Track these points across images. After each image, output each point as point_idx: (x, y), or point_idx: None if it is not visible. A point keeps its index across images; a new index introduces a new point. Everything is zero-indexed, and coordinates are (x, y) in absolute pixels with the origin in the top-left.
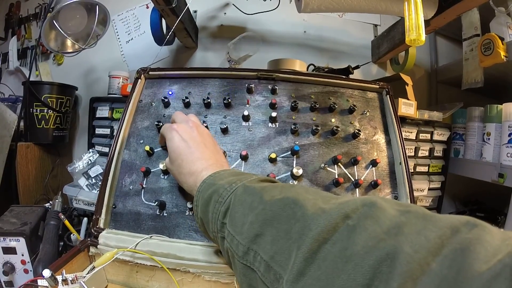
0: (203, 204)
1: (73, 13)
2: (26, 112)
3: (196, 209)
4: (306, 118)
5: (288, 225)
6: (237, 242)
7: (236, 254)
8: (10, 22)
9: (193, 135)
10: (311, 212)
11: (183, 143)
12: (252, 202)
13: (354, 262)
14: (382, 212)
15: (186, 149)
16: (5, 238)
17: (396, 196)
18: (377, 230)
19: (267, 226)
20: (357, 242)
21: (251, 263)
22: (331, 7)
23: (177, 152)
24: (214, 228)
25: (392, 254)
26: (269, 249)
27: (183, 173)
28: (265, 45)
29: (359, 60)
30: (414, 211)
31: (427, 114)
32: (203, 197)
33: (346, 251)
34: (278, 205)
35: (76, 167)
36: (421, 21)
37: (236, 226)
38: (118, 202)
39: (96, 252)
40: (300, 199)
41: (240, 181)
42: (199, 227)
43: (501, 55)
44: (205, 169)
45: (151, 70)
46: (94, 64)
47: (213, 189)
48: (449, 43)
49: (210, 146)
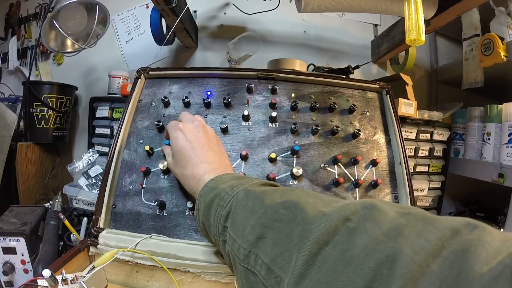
0: (205, 208)
1: (73, 13)
2: (26, 112)
3: (197, 212)
4: (306, 118)
5: (289, 228)
6: (238, 246)
7: (238, 257)
8: (10, 22)
9: (199, 135)
10: (311, 215)
11: (188, 144)
12: (254, 205)
13: (354, 265)
14: (382, 214)
15: (191, 150)
16: (5, 238)
17: (396, 196)
18: (377, 232)
19: (268, 229)
20: (357, 244)
21: (252, 266)
22: (331, 7)
23: (181, 153)
24: (215, 232)
25: (392, 257)
26: (270, 252)
27: (186, 175)
28: (265, 45)
29: (359, 60)
30: (414, 213)
31: (427, 114)
32: (205, 201)
33: (347, 254)
34: (279, 209)
35: (76, 167)
36: (421, 21)
37: (238, 230)
38: (118, 202)
39: (96, 252)
40: (300, 202)
41: (242, 185)
42: (200, 230)
43: (501, 55)
44: (208, 172)
45: (151, 70)
46: (94, 64)
47: (215, 193)
48: (449, 43)
49: (214, 148)
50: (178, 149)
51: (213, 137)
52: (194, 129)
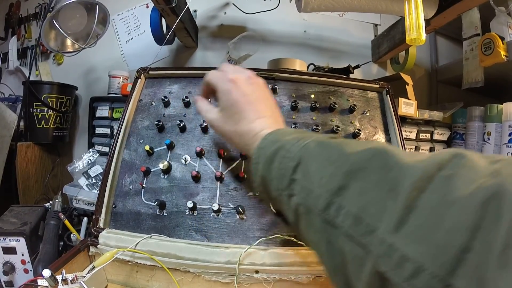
0: (266, 161)
1: (73, 13)
2: (26, 112)
3: (256, 166)
4: (307, 117)
5: (378, 175)
6: (317, 196)
7: (315, 209)
8: (10, 21)
9: (253, 88)
10: (405, 162)
11: (243, 98)
12: (330, 155)
13: (458, 206)
14: (473, 162)
15: (246, 105)
16: (5, 238)
17: None
18: (475, 176)
19: (352, 178)
20: (458, 187)
21: (334, 216)
22: (331, 7)
23: (236, 107)
24: (279, 186)
25: (498, 194)
26: (357, 201)
27: (239, 131)
28: (265, 45)
29: (359, 59)
30: (504, 159)
31: (427, 114)
32: (266, 154)
33: (447, 197)
34: (365, 156)
35: (76, 167)
36: (421, 21)
37: (312, 181)
38: (118, 201)
39: (96, 252)
40: (389, 150)
41: (308, 137)
42: (256, 187)
43: (502, 55)
44: (266, 127)
45: (151, 70)
46: (94, 64)
47: (278, 145)
48: (449, 43)
49: (269, 102)
50: (232, 103)
51: (266, 90)
52: (247, 80)
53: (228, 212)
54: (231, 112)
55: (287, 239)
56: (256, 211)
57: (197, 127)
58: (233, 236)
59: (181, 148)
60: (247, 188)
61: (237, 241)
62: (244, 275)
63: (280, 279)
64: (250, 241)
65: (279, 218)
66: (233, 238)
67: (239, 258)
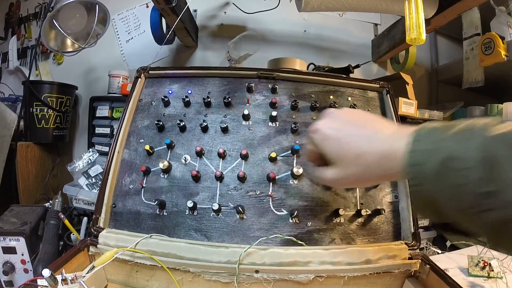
0: (433, 179)
1: (73, 12)
2: (26, 112)
3: (417, 188)
4: (307, 117)
5: None
6: None
7: None
8: (10, 21)
9: (344, 116)
10: None
11: (339, 133)
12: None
13: None
14: None
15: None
16: (5, 237)
17: (396, 195)
18: None
19: None
20: None
21: None
22: (331, 6)
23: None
24: (461, 206)
25: None
26: None
27: (362, 162)
28: (265, 44)
29: (359, 59)
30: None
31: (427, 114)
32: (431, 169)
33: None
34: None
35: (76, 167)
36: (421, 20)
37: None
38: (118, 201)
39: (96, 252)
40: None
41: (471, 134)
42: (419, 211)
43: (502, 54)
44: (397, 139)
45: (151, 69)
46: (94, 64)
47: (443, 156)
48: (449, 42)
49: (370, 117)
50: (335, 145)
51: (355, 111)
52: (330, 117)
53: (228, 212)
54: (342, 153)
55: (287, 239)
56: (256, 210)
57: (197, 127)
58: (233, 235)
59: (181, 148)
60: (247, 188)
61: (237, 240)
62: (244, 275)
63: (280, 279)
64: (250, 241)
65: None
66: (233, 238)
67: (239, 258)
